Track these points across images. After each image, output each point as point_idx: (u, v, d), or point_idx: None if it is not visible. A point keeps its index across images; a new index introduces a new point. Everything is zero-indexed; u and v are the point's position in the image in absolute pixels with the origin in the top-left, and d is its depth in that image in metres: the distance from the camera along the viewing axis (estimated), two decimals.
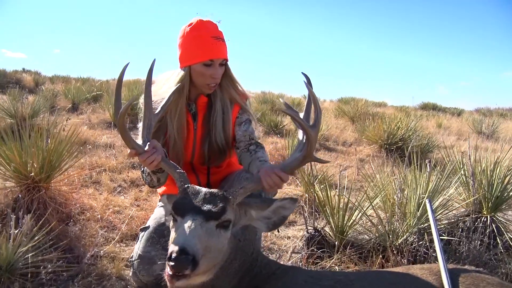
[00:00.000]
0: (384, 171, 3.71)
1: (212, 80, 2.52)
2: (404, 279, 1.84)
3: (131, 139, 2.08)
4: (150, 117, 2.22)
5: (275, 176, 1.97)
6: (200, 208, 1.72)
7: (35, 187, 3.41)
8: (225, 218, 1.75)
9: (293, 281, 1.82)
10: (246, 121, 2.70)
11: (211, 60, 2.47)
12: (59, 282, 2.62)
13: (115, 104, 2.13)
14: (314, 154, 1.98)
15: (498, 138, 11.51)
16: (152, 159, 2.08)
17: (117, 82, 2.12)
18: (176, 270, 1.54)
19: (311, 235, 3.15)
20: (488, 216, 3.42)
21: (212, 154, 2.68)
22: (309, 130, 1.90)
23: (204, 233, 1.65)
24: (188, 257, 1.53)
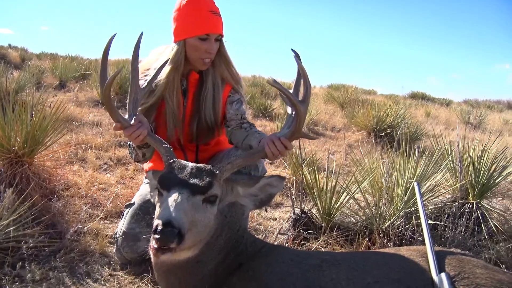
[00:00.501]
0: (373, 156, 3.69)
1: (207, 55, 2.46)
2: (391, 259, 1.83)
3: (117, 112, 2.03)
4: (137, 91, 2.17)
5: (280, 143, 1.95)
6: (186, 182, 1.69)
7: (18, 161, 3.33)
8: (211, 193, 1.71)
9: (278, 259, 1.80)
10: (237, 101, 2.66)
11: (207, 34, 2.42)
12: (40, 258, 2.56)
13: (100, 76, 2.07)
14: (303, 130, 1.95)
15: (485, 129, 11.62)
16: (138, 134, 2.04)
17: (103, 53, 2.04)
18: (162, 243, 1.51)
19: (297, 216, 3.13)
20: (474, 203, 3.43)
21: (201, 132, 2.64)
22: (298, 105, 1.86)
23: (190, 207, 1.62)
24: (173, 230, 1.50)
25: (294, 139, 1.99)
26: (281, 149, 1.95)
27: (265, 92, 12.46)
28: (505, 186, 3.80)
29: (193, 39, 2.44)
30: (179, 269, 1.76)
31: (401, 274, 1.73)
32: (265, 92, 12.46)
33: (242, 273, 1.76)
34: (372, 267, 1.77)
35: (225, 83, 2.63)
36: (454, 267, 1.73)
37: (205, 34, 2.42)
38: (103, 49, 2.05)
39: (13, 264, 2.39)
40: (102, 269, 2.53)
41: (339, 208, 3.11)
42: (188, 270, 1.76)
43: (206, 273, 1.78)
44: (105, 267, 2.55)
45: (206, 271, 1.78)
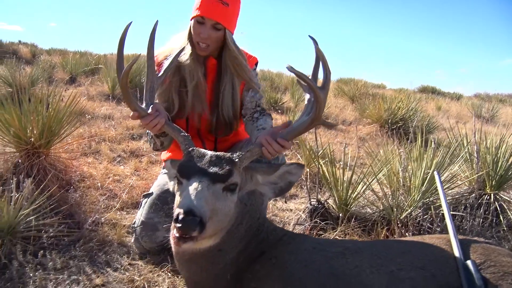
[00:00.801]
0: (389, 147, 3.67)
1: (199, 39, 2.43)
2: (414, 247, 1.81)
3: (134, 101, 2.01)
4: (153, 79, 2.16)
5: (276, 144, 1.91)
6: (206, 170, 1.67)
7: (35, 153, 3.36)
8: (231, 181, 1.70)
9: (301, 247, 1.80)
10: (253, 89, 2.64)
11: (202, 17, 2.38)
12: (60, 247, 2.59)
13: (117, 65, 2.05)
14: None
15: (497, 123, 11.49)
16: (156, 123, 2.03)
17: (119, 42, 2.01)
18: (183, 231, 1.49)
19: (314, 207, 3.12)
20: (492, 194, 3.40)
21: (219, 126, 2.62)
22: (318, 92, 1.83)
23: (211, 196, 1.60)
24: (195, 218, 1.48)
25: (313, 126, 1.96)
26: (278, 150, 1.92)
27: (274, 86, 12.42)
28: None
29: (193, 20, 2.43)
30: (201, 257, 1.75)
31: (425, 261, 1.72)
32: (274, 86, 12.42)
33: (265, 261, 1.75)
34: (395, 255, 1.76)
35: (238, 79, 2.60)
36: (480, 255, 1.72)
37: (200, 17, 2.39)
38: (119, 38, 2.02)
39: (35, 253, 2.42)
40: (121, 258, 2.54)
41: (356, 199, 3.10)
42: (210, 258, 1.76)
43: (227, 262, 1.78)
44: (124, 256, 2.56)
45: (228, 259, 1.78)
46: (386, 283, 1.63)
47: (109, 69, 9.68)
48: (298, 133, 1.98)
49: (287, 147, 1.94)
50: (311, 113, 1.93)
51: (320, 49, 1.92)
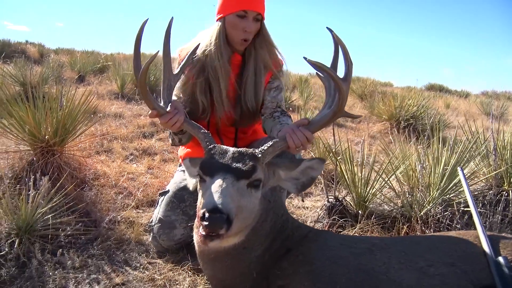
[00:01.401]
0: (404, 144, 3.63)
1: (245, 34, 2.42)
2: (442, 244, 1.78)
3: (153, 99, 1.99)
4: (170, 77, 2.14)
5: (301, 134, 1.88)
6: (229, 166, 1.64)
7: (49, 151, 3.35)
8: (256, 177, 1.66)
9: (328, 243, 1.77)
10: (276, 88, 2.62)
11: (244, 11, 2.37)
12: (77, 245, 2.57)
13: (134, 63, 2.02)
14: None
15: (507, 120, 11.39)
16: (175, 121, 2.01)
17: (136, 39, 1.97)
18: (211, 229, 1.45)
19: (332, 204, 3.09)
20: (510, 191, 3.35)
21: (243, 116, 2.60)
22: (341, 83, 1.80)
23: (236, 192, 1.57)
24: (222, 216, 1.45)
25: (336, 118, 1.93)
26: (302, 140, 1.87)
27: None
28: None
29: (231, 16, 2.40)
30: (226, 256, 1.73)
31: (455, 257, 1.68)
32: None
33: (292, 258, 1.72)
34: (424, 251, 1.72)
35: (267, 69, 2.58)
36: (511, 251, 1.68)
37: (242, 11, 2.38)
38: (135, 35, 1.99)
39: (53, 251, 2.40)
40: (139, 257, 2.51)
41: (375, 195, 3.06)
42: (235, 256, 1.73)
43: (253, 259, 1.75)
44: (143, 255, 2.54)
45: (253, 257, 1.75)
46: (415, 280, 1.60)
47: (117, 68, 9.70)
48: (322, 126, 1.95)
49: (310, 139, 1.91)
50: (333, 106, 1.90)
51: (340, 39, 1.90)
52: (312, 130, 1.91)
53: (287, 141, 1.87)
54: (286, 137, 1.88)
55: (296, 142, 1.88)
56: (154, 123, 5.95)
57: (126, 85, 8.76)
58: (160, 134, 5.61)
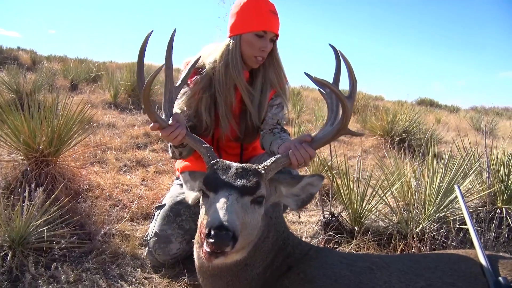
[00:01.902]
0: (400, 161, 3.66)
1: (261, 53, 2.45)
2: (442, 263, 1.78)
3: (155, 112, 1.98)
4: (172, 90, 2.14)
5: (304, 151, 1.90)
6: (233, 183, 1.63)
7: (43, 161, 3.31)
8: (259, 194, 1.65)
9: (328, 261, 1.76)
10: (278, 105, 2.64)
11: (264, 31, 2.41)
12: (72, 259, 2.53)
13: (137, 76, 2.02)
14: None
15: (496, 136, 11.53)
16: (176, 134, 2.00)
17: (139, 52, 1.97)
18: (216, 247, 1.43)
19: (327, 220, 3.09)
20: (503, 208, 3.38)
21: (246, 132, 2.61)
22: (346, 101, 1.81)
23: (240, 209, 1.56)
24: (228, 233, 1.43)
25: (339, 136, 1.94)
26: (305, 157, 1.90)
27: None
28: None
29: (249, 34, 2.42)
30: (227, 272, 1.71)
31: (455, 277, 1.68)
32: None
33: (293, 276, 1.71)
34: (423, 270, 1.72)
35: (273, 87, 2.60)
36: (510, 272, 1.69)
37: (262, 31, 2.41)
38: (139, 48, 1.99)
39: (47, 265, 2.36)
40: (135, 271, 2.48)
41: (370, 211, 3.07)
42: (237, 273, 1.71)
43: (254, 277, 1.73)
44: (138, 269, 2.51)
45: (255, 274, 1.73)
46: None
47: (111, 77, 9.68)
48: (324, 143, 1.96)
49: (312, 156, 1.93)
50: (336, 123, 1.92)
51: (345, 57, 1.92)
52: (315, 147, 1.93)
53: (289, 157, 1.88)
54: (289, 154, 1.89)
55: (299, 159, 1.89)
56: (147, 134, 5.93)
57: (119, 94, 8.74)
58: (153, 145, 5.59)
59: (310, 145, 1.93)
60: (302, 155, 1.89)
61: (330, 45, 2.03)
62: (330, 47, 2.03)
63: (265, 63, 2.56)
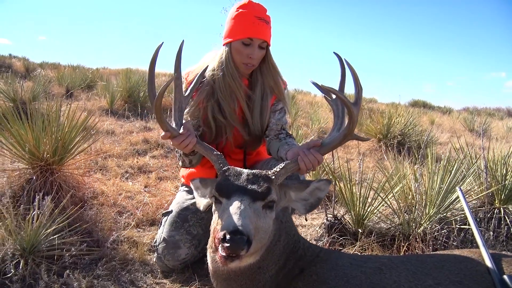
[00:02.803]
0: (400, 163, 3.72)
1: (249, 60, 2.49)
2: (448, 262, 1.84)
3: (166, 122, 2.03)
4: (181, 99, 2.19)
5: (313, 157, 1.96)
6: (245, 188, 1.69)
7: (48, 169, 3.34)
8: (270, 198, 1.71)
9: (339, 263, 1.81)
10: (281, 110, 2.69)
11: (250, 39, 2.44)
12: (82, 266, 2.56)
13: (148, 87, 2.09)
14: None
15: (490, 137, 11.67)
16: (187, 143, 2.06)
17: (150, 63, 2.04)
18: (232, 251, 1.48)
19: (331, 223, 3.14)
20: (501, 208, 3.45)
21: (250, 139, 2.66)
22: (352, 108, 1.88)
23: (253, 214, 1.62)
24: (243, 237, 1.48)
25: (346, 141, 2.01)
26: (314, 162, 1.97)
27: None
28: None
29: (237, 42, 2.47)
30: (241, 275, 1.77)
31: (461, 276, 1.74)
32: None
33: (306, 278, 1.76)
34: (431, 270, 1.78)
35: (272, 93, 2.65)
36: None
37: (248, 39, 2.45)
38: (150, 59, 2.04)
39: (59, 273, 2.39)
40: (145, 277, 2.52)
41: (373, 213, 3.13)
42: (250, 276, 1.77)
43: (267, 279, 1.78)
44: (148, 275, 2.54)
45: (268, 277, 1.79)
46: None
47: (107, 83, 9.69)
48: (332, 148, 2.03)
49: (321, 161, 2.00)
50: (342, 129, 1.98)
51: (351, 65, 1.99)
52: (323, 153, 1.99)
53: (298, 163, 1.94)
54: (298, 160, 1.95)
55: (307, 164, 1.95)
56: (146, 140, 5.95)
57: (116, 101, 8.74)
58: (153, 151, 5.62)
59: (318, 150, 1.99)
60: (310, 161, 1.95)
61: (335, 53, 2.10)
62: (335, 56, 2.09)
63: (261, 70, 2.61)
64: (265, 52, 2.55)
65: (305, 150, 1.98)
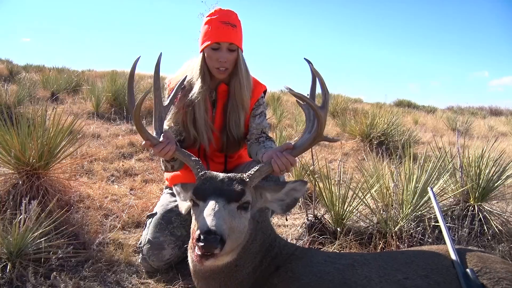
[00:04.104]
0: (378, 163, 3.84)
1: (219, 63, 2.57)
2: (417, 258, 1.95)
3: (146, 131, 2.15)
4: (161, 109, 2.30)
5: (285, 159, 2.07)
6: (221, 191, 1.80)
7: (34, 174, 3.39)
8: (244, 200, 1.83)
9: (313, 260, 1.92)
10: (261, 114, 2.78)
11: (217, 43, 2.53)
12: (68, 268, 2.62)
13: (128, 98, 2.22)
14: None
15: (472, 135, 11.92)
16: (167, 150, 2.16)
17: (129, 77, 2.19)
18: (206, 250, 1.60)
19: (311, 222, 3.25)
20: (475, 205, 3.59)
21: (230, 143, 2.75)
22: (319, 111, 2.00)
23: (227, 215, 1.73)
24: (216, 236, 1.60)
25: (316, 143, 2.12)
26: (286, 164, 2.07)
27: None
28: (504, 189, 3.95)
29: (207, 49, 2.56)
30: (219, 273, 1.87)
31: (428, 270, 1.86)
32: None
33: (282, 274, 1.87)
34: (400, 265, 1.90)
35: (249, 97, 2.74)
36: (476, 263, 1.87)
37: (215, 43, 2.54)
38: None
39: (46, 275, 2.45)
40: (131, 277, 2.60)
41: (352, 212, 3.25)
42: (228, 274, 1.87)
43: (244, 276, 1.89)
44: (134, 276, 2.62)
45: (245, 274, 1.89)
46: None
47: (92, 86, 9.68)
48: (303, 150, 2.14)
49: (293, 163, 2.11)
50: (312, 131, 2.09)
51: (317, 71, 2.09)
52: (295, 154, 2.11)
53: (272, 165, 2.05)
54: (271, 162, 2.05)
55: (280, 166, 2.07)
56: (132, 144, 6.00)
57: (102, 104, 8.75)
58: (139, 154, 5.67)
59: (290, 152, 2.10)
60: (283, 163, 2.07)
61: (305, 59, 2.19)
62: (306, 61, 2.18)
63: (235, 75, 2.68)
64: (236, 55, 2.61)
65: (278, 153, 2.09)
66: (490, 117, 22.02)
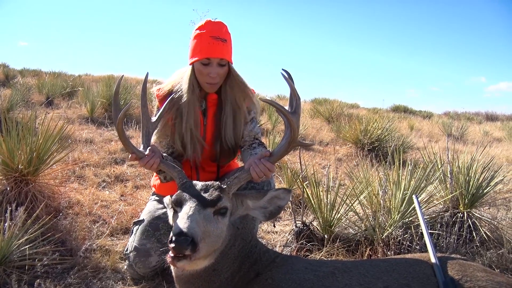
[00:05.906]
0: (369, 170, 3.85)
1: (209, 79, 2.58)
2: (398, 266, 1.96)
3: (131, 144, 2.19)
4: (148, 125, 2.34)
5: (263, 166, 2.09)
6: (197, 197, 1.86)
7: (23, 180, 3.39)
8: (221, 205, 1.87)
9: (294, 267, 1.93)
10: (252, 120, 2.79)
11: (208, 59, 2.54)
12: (54, 275, 2.62)
13: (113, 113, 2.25)
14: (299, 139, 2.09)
15: (466, 141, 11.95)
16: (152, 163, 2.19)
17: (114, 93, 2.24)
18: (177, 251, 1.66)
19: (299, 229, 3.25)
20: (465, 212, 3.60)
21: (223, 153, 2.76)
22: (289, 116, 2.02)
23: (202, 219, 1.78)
24: (187, 238, 1.66)
25: (292, 148, 2.13)
26: (264, 171, 2.09)
27: None
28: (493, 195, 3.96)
29: (197, 63, 2.57)
30: (198, 278, 1.90)
31: (409, 279, 1.86)
32: None
33: (262, 281, 1.87)
34: (381, 273, 1.90)
35: (243, 105, 2.74)
36: (457, 272, 1.87)
37: (205, 59, 2.54)
38: (114, 89, 2.23)
39: (30, 282, 2.44)
40: (116, 284, 2.59)
41: (340, 219, 3.25)
42: (206, 278, 1.90)
43: (223, 281, 1.91)
44: (119, 283, 2.62)
45: (223, 279, 1.92)
46: None
47: (87, 91, 9.68)
48: (280, 156, 2.16)
49: (271, 169, 2.12)
50: (286, 137, 2.11)
51: (287, 77, 2.10)
52: (273, 161, 2.13)
53: (250, 173, 2.08)
54: (250, 170, 2.08)
55: (258, 173, 2.09)
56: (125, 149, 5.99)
57: (96, 109, 8.75)
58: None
59: (268, 159, 2.11)
60: (261, 170, 2.09)
61: (283, 69, 2.17)
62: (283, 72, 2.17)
63: (229, 85, 2.68)
64: (227, 69, 2.62)
65: (257, 161, 2.11)
66: (486, 122, 22.08)
